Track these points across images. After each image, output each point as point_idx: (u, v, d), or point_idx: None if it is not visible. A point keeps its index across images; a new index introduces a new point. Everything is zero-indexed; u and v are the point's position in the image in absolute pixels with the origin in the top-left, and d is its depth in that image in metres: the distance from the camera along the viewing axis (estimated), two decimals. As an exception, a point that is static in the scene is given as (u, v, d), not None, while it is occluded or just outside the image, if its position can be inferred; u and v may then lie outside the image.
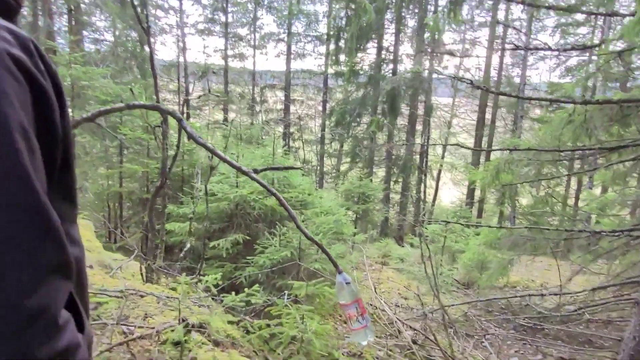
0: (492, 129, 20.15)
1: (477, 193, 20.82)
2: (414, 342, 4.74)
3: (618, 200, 7.78)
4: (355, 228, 10.04)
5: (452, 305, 5.69)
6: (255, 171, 1.81)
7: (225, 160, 1.78)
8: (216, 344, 2.53)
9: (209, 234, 4.78)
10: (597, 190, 17.04)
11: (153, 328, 2.20)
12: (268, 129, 24.06)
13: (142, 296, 2.57)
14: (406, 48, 18.95)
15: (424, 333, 4.77)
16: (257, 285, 2.44)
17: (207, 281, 2.89)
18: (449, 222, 6.23)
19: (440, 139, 23.97)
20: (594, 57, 19.15)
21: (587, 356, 5.09)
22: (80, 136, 6.79)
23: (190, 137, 1.82)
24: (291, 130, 25.13)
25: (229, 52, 25.65)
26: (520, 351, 5.37)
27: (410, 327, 4.99)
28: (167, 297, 2.60)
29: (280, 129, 24.57)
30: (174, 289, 3.44)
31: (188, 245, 3.76)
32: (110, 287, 2.57)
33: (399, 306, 6.06)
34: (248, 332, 2.49)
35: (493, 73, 20.64)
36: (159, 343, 2.26)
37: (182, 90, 23.48)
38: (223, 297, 2.50)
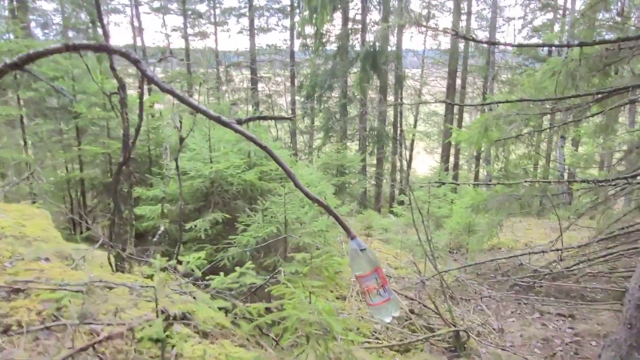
0: (462, 95, 20.07)
1: (451, 160, 20.90)
2: (412, 311, 4.52)
3: (599, 153, 7.74)
4: (338, 201, 9.76)
5: (449, 269, 5.51)
6: (239, 122, 1.44)
7: (199, 110, 1.40)
8: (204, 335, 2.18)
9: (185, 215, 4.38)
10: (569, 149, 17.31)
11: (124, 325, 1.84)
12: (237, 109, 23.35)
13: (111, 288, 2.19)
14: (374, 16, 18.45)
15: (421, 301, 4.55)
16: (248, 263, 2.08)
17: (188, 262, 2.50)
18: (444, 183, 5.98)
19: (412, 109, 23.87)
20: (559, 16, 19.18)
21: (585, 311, 4.99)
22: (33, 122, 6.19)
23: (152, 82, 1.43)
24: (260, 108, 24.44)
25: (189, 31, 24.60)
26: (517, 311, 5.24)
27: (406, 296, 4.76)
28: (142, 287, 2.22)
29: (250, 108, 23.89)
30: (149, 277, 3.06)
31: (162, 229, 3.37)
32: (73, 281, 2.18)
33: (390, 276, 5.83)
34: (244, 318, 2.14)
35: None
36: (135, 341, 1.90)
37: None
38: (209, 280, 2.14)
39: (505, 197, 6.37)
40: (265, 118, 1.66)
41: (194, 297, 2.67)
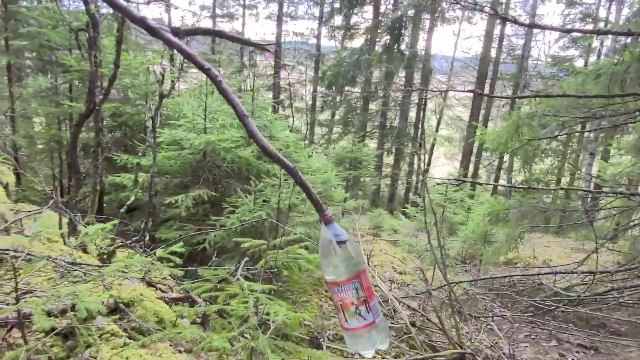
0: (490, 101, 19.27)
1: (471, 168, 20.14)
2: (413, 324, 4.00)
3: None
4: (346, 195, 9.28)
5: (459, 281, 4.96)
6: (175, 32, 0.94)
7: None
8: (140, 333, 1.70)
9: (169, 189, 3.92)
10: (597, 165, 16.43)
11: (23, 312, 1.36)
12: (257, 94, 22.90)
13: (30, 260, 1.73)
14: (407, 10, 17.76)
15: (424, 314, 4.02)
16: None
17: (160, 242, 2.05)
18: (463, 181, 5.42)
19: (435, 111, 23.16)
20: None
21: (610, 344, 4.41)
22: (31, 78, 5.80)
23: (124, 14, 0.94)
24: (281, 96, 23.98)
25: (217, 12, 24.28)
26: (532, 336, 4.67)
27: (408, 306, 4.24)
28: (70, 264, 1.75)
29: (270, 95, 23.45)
30: (107, 254, 2.60)
31: (132, 198, 2.92)
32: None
33: (393, 282, 5.32)
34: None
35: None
36: (36, 334, 1.43)
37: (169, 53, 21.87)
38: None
39: (529, 209, 5.77)
40: (217, 34, 1.13)
41: (151, 284, 2.20)
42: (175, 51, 0.97)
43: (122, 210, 2.80)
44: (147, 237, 3.10)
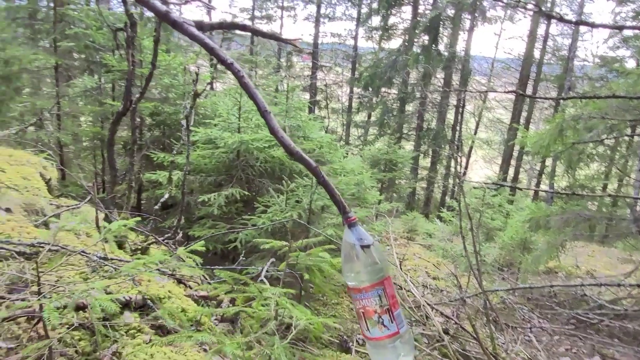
0: (532, 103, 18.59)
1: (511, 172, 19.50)
2: (446, 332, 3.88)
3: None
4: (381, 197, 9.17)
5: (496, 289, 4.78)
6: (200, 26, 0.91)
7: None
8: (166, 332, 1.70)
9: (203, 187, 3.97)
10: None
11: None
12: (291, 94, 23.01)
13: (66, 255, 1.77)
14: (446, 10, 17.41)
15: (458, 322, 3.89)
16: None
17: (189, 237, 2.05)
18: (502, 185, 5.22)
19: (474, 113, 22.59)
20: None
21: (659, 362, 4.14)
22: (79, 79, 6.04)
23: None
24: (317, 97, 24.03)
25: (257, 14, 24.61)
26: (573, 349, 4.45)
27: (442, 313, 4.12)
28: (102, 258, 1.78)
29: (306, 96, 23.55)
30: (140, 250, 2.64)
31: (166, 196, 2.96)
32: (24, 239, 1.78)
33: (426, 287, 5.19)
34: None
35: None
36: (67, 326, 1.45)
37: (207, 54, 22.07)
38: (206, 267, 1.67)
39: (573, 215, 5.51)
40: (241, 28, 1.12)
41: (180, 282, 2.21)
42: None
43: (156, 207, 2.85)
44: (180, 234, 3.13)
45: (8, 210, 2.01)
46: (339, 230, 3.42)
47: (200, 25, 0.91)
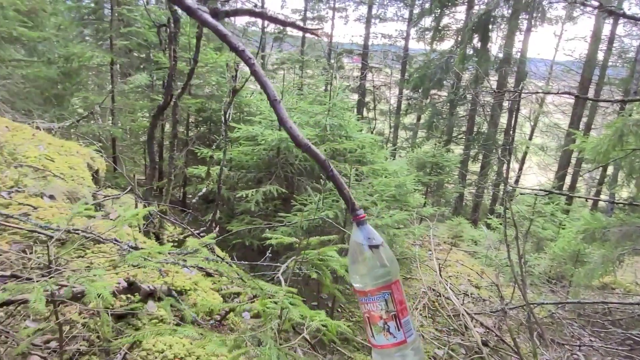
0: (594, 108, 17.53)
1: (568, 180, 18.48)
2: (485, 343, 3.71)
3: None
4: (425, 201, 8.96)
5: (541, 302, 4.53)
6: (214, 13, 0.89)
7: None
8: (191, 323, 1.71)
9: (242, 184, 4.02)
10: None
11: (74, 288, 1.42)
12: (335, 94, 22.98)
13: (98, 242, 1.82)
14: (501, 10, 16.78)
15: (498, 334, 3.72)
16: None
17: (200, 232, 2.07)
18: (551, 192, 4.94)
19: (530, 117, 21.64)
20: None
21: None
22: (133, 76, 6.32)
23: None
24: (366, 99, 23.90)
25: (308, 15, 24.80)
26: (627, 373, 4.13)
27: (482, 324, 3.95)
28: (132, 248, 1.82)
29: (355, 97, 23.46)
30: (177, 242, 2.70)
31: (203, 190, 3.01)
32: (61, 225, 1.85)
33: (467, 295, 5.00)
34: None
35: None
36: (91, 313, 1.49)
37: (259, 53, 22.33)
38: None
39: (633, 228, 5.13)
40: (258, 15, 1.08)
41: (210, 275, 2.23)
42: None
43: (194, 200, 2.90)
44: (217, 228, 3.17)
45: (52, 197, 2.11)
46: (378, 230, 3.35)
47: (214, 12, 0.89)
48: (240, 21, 23.76)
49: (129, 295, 1.57)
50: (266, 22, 22.92)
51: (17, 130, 2.88)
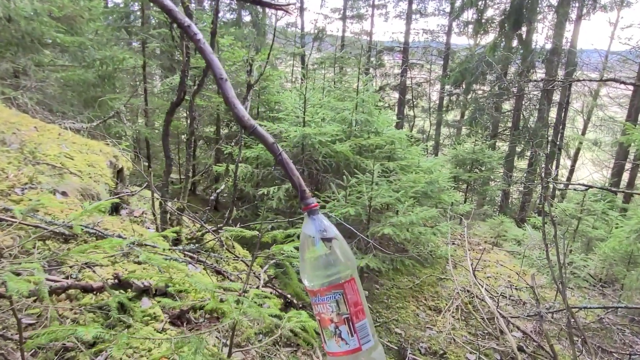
0: (654, 99, 16.30)
1: (625, 177, 17.33)
2: (521, 349, 3.49)
3: None
4: (465, 199, 8.66)
5: (585, 307, 4.22)
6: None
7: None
8: (186, 322, 1.67)
9: (265, 181, 3.98)
10: None
11: (79, 281, 1.40)
12: (383, 94, 22.69)
13: (101, 237, 1.81)
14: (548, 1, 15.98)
15: (536, 339, 3.48)
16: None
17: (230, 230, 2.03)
18: (590, 187, 4.59)
19: (582, 111, 20.51)
20: None
21: None
22: (168, 78, 6.46)
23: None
24: (407, 96, 23.50)
25: (348, 13, 24.66)
26: (684, 385, 3.77)
27: (518, 328, 3.71)
28: (140, 244, 1.80)
29: (396, 95, 23.12)
30: (195, 240, 2.69)
31: (222, 187, 2.99)
32: (67, 221, 1.85)
33: (505, 297, 4.74)
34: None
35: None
36: (90, 306, 1.47)
37: (299, 53, 22.45)
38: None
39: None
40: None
41: (219, 272, 2.19)
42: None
43: (212, 197, 2.89)
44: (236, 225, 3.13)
45: (64, 193, 2.13)
46: (398, 230, 3.21)
47: None
48: (281, 23, 23.95)
49: (121, 291, 1.55)
50: (299, 23, 22.97)
51: (44, 131, 2.97)
